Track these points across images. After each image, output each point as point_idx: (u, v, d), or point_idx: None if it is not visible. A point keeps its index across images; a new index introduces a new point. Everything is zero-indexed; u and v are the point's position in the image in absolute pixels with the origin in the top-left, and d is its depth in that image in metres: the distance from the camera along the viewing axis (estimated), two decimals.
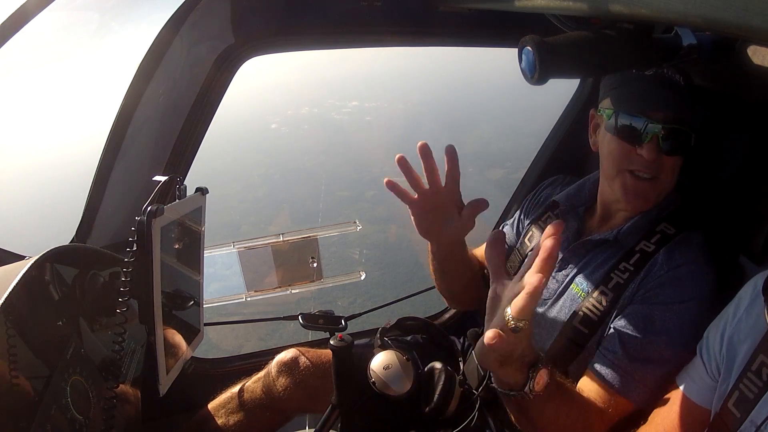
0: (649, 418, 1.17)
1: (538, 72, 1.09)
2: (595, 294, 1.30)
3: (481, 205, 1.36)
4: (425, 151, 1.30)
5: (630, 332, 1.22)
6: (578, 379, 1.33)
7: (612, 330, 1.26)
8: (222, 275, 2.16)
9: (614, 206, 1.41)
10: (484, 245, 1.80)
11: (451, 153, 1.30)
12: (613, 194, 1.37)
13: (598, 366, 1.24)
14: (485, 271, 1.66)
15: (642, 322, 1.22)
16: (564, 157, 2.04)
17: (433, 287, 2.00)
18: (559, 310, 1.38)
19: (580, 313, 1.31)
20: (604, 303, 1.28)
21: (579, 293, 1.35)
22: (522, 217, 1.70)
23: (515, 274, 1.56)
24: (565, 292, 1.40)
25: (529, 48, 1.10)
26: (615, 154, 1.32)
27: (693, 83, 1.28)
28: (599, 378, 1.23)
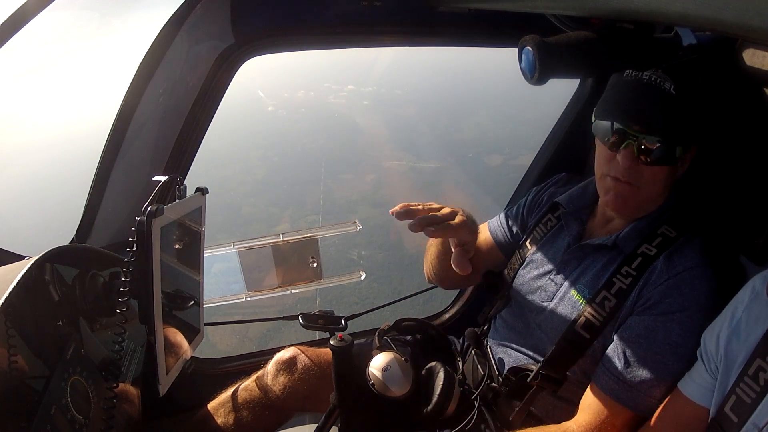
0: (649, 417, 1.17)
1: (538, 72, 1.09)
2: (598, 299, 1.29)
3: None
4: (401, 214, 1.32)
5: (633, 345, 1.21)
6: (577, 384, 1.34)
7: (614, 342, 1.25)
8: (222, 275, 2.16)
9: (608, 209, 1.41)
10: (480, 229, 1.80)
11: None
12: (601, 197, 1.37)
13: (603, 380, 1.24)
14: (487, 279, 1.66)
15: (644, 334, 1.21)
16: (564, 157, 2.04)
17: (434, 287, 2.00)
18: (560, 315, 1.37)
19: (582, 318, 1.30)
20: (607, 309, 1.27)
21: (579, 300, 1.34)
22: (525, 214, 1.67)
23: (515, 275, 1.57)
24: (564, 296, 1.39)
25: (529, 48, 1.10)
26: (599, 157, 1.32)
27: (691, 90, 1.22)
28: (606, 392, 1.23)
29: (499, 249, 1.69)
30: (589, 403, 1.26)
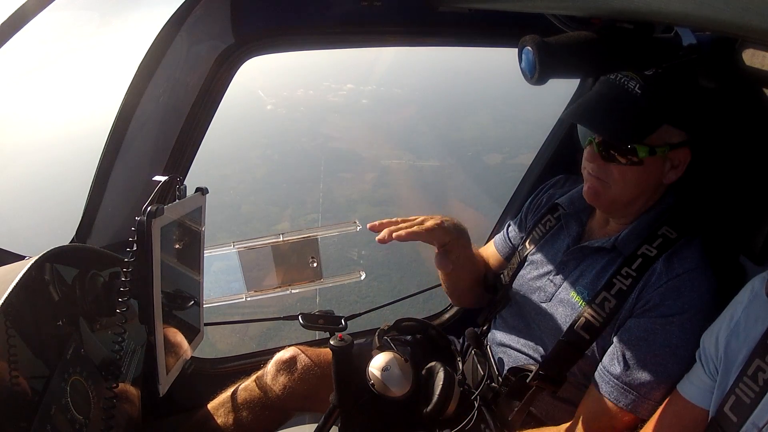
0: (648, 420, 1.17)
1: (538, 72, 1.09)
2: (598, 300, 1.28)
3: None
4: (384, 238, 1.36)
5: (632, 347, 1.21)
6: (576, 385, 1.34)
7: (614, 344, 1.25)
8: (222, 275, 2.16)
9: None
10: (487, 246, 1.82)
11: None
12: None
13: (603, 382, 1.24)
14: (486, 274, 1.66)
15: (644, 336, 1.21)
16: (564, 157, 2.04)
17: (434, 287, 2.01)
18: (560, 316, 1.37)
19: (581, 319, 1.30)
20: (606, 310, 1.27)
21: (579, 301, 1.34)
22: (524, 217, 1.70)
23: (514, 275, 1.58)
24: (564, 297, 1.39)
25: (529, 48, 1.10)
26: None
27: (658, 92, 1.21)
28: (605, 395, 1.23)
29: (507, 262, 1.71)
30: (589, 406, 1.26)
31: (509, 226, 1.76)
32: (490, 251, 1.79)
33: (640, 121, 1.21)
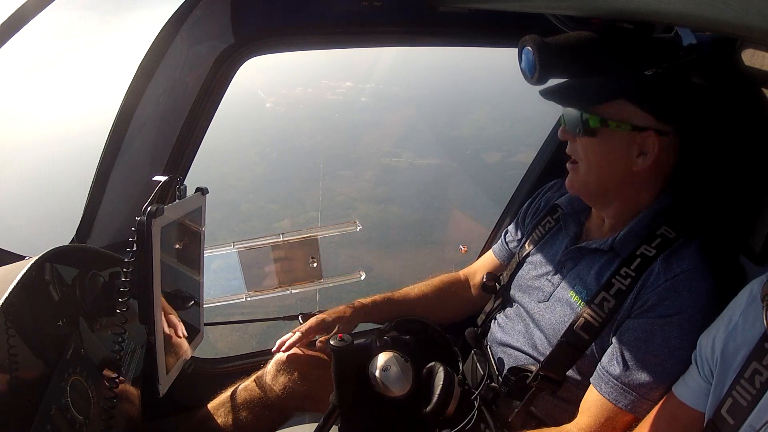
0: (642, 420, 1.17)
1: (538, 72, 1.10)
2: (597, 300, 1.28)
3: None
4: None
5: (631, 348, 1.21)
6: (576, 385, 1.33)
7: (612, 345, 1.25)
8: (222, 275, 2.16)
9: None
10: (485, 256, 1.83)
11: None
12: None
13: (602, 383, 1.24)
14: (484, 279, 1.67)
15: (642, 337, 1.20)
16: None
17: None
18: (558, 316, 1.37)
19: (581, 319, 1.29)
20: (606, 310, 1.26)
21: (577, 301, 1.34)
22: (522, 221, 1.71)
23: (513, 276, 1.58)
24: (562, 297, 1.39)
25: (529, 48, 1.10)
26: None
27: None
28: (605, 396, 1.23)
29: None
30: (589, 407, 1.26)
31: (506, 233, 1.78)
32: (488, 260, 1.81)
33: (588, 88, 1.26)
